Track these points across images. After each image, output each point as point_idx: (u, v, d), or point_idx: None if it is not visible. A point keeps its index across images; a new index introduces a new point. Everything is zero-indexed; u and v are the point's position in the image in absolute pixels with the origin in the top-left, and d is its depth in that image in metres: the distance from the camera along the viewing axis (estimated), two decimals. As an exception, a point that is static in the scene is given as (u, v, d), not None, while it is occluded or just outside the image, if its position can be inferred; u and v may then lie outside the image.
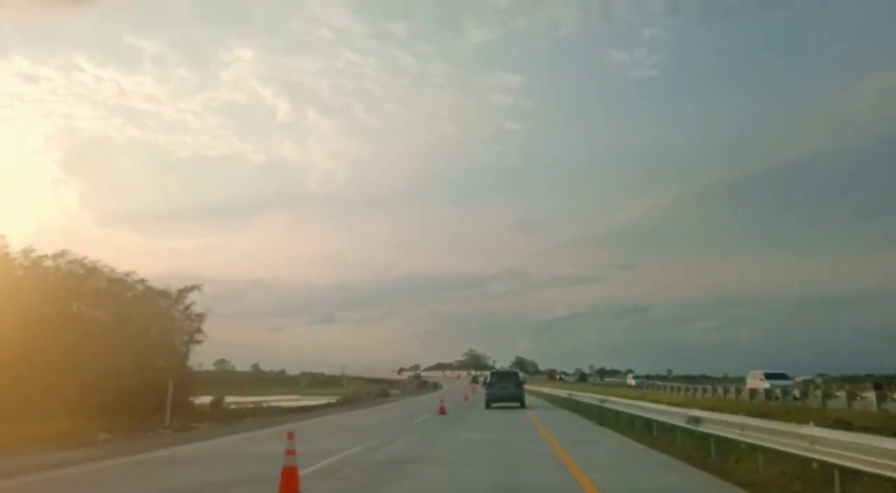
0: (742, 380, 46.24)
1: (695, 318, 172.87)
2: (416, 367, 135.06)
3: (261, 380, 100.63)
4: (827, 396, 27.61)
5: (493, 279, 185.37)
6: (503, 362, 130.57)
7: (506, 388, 31.54)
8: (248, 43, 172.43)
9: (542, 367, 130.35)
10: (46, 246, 25.11)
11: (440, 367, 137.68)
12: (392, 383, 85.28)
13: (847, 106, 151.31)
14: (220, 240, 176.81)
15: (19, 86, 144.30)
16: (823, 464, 7.08)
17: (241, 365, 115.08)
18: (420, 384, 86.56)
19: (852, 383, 45.19)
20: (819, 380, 48.73)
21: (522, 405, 30.75)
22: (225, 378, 70.82)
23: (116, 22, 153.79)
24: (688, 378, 79.06)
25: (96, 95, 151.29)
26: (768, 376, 40.26)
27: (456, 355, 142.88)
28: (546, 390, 52.49)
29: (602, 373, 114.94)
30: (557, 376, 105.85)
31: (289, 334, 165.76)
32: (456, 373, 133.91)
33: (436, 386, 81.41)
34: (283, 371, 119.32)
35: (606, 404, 21.63)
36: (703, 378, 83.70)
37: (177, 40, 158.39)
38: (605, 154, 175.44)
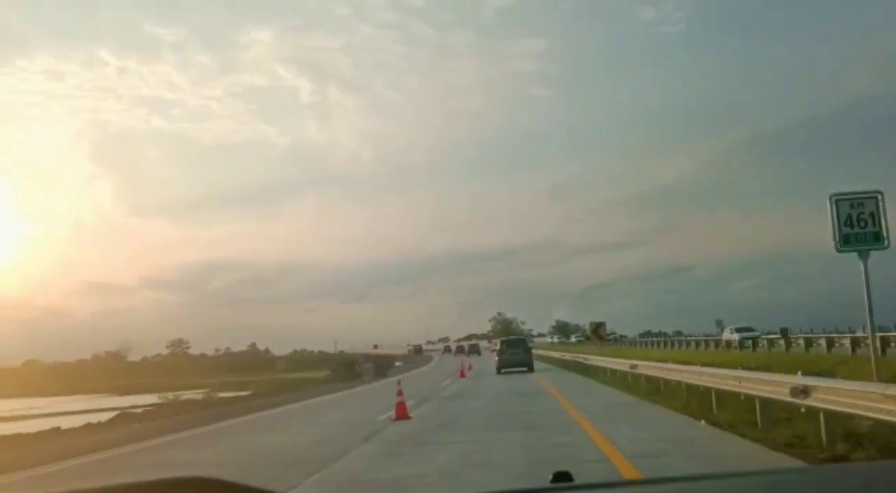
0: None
1: (737, 277, 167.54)
2: (445, 339, 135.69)
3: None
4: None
5: (527, 249, 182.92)
6: (541, 329, 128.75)
7: (516, 354, 33.41)
8: (265, 24, 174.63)
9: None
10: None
11: (471, 337, 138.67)
12: (396, 357, 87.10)
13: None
14: (251, 225, 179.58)
15: (46, 83, 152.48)
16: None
17: (277, 349, 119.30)
18: (419, 357, 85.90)
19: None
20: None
21: (531, 370, 32.04)
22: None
23: (135, 12, 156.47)
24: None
25: (120, 87, 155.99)
26: (738, 330, 45.45)
27: (489, 325, 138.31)
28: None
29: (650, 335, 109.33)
30: (609, 336, 65.78)
31: (322, 315, 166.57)
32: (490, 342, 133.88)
33: (429, 359, 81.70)
34: (266, 350, 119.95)
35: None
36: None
37: (195, 26, 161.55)
38: (635, 115, 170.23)
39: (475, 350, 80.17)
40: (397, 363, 68.24)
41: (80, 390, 56.34)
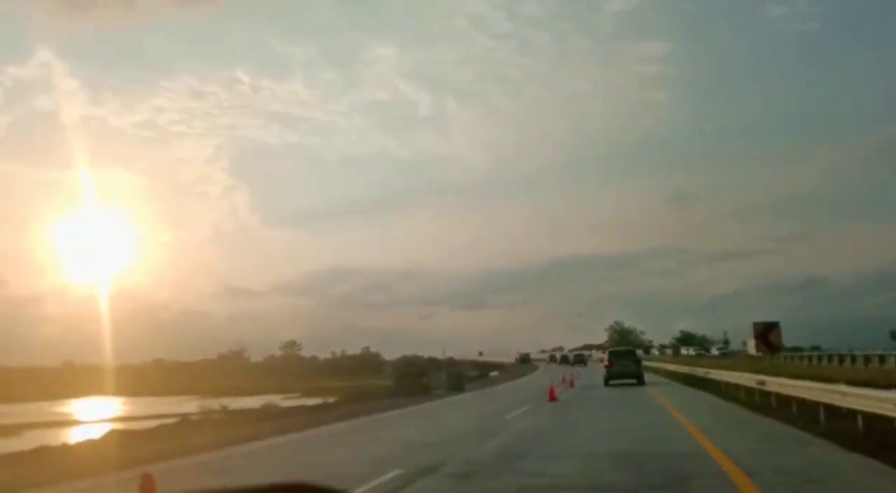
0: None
1: (876, 290, 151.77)
2: (559, 349, 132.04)
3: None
4: None
5: (648, 257, 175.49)
6: (662, 340, 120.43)
7: (626, 366, 32.30)
8: (388, 40, 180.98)
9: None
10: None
11: (587, 347, 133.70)
12: (500, 366, 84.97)
13: None
14: (373, 233, 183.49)
15: (188, 102, 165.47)
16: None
17: (389, 354, 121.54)
18: (524, 366, 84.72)
19: None
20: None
21: (641, 382, 30.98)
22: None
23: (268, 33, 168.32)
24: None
25: (255, 104, 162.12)
26: None
27: (604, 335, 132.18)
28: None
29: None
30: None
31: (437, 322, 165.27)
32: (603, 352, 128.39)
33: (535, 368, 79.75)
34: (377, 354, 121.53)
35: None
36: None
37: (322, 44, 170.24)
38: (763, 118, 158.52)
39: (581, 360, 77.72)
40: (493, 373, 66.69)
41: (190, 390, 58.95)
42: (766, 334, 33.56)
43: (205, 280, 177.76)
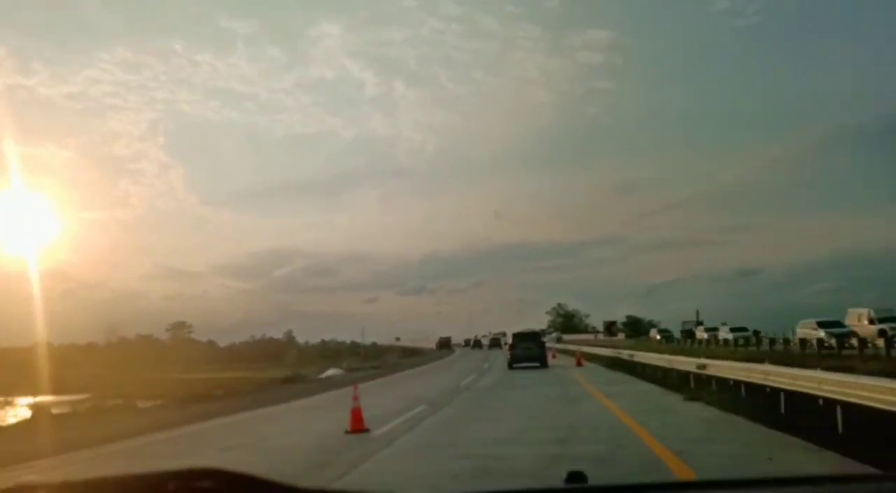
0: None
1: (809, 281, 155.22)
2: (503, 334, 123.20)
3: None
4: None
5: (591, 245, 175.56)
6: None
7: (529, 349, 32.04)
8: (335, 18, 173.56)
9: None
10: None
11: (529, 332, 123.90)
12: (418, 351, 79.15)
13: None
14: (316, 215, 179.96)
15: (124, 75, 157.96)
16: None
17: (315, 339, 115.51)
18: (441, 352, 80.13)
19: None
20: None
21: (544, 365, 30.99)
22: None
23: (209, 5, 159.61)
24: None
25: (194, 78, 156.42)
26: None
27: (547, 319, 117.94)
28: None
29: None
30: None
31: (381, 306, 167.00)
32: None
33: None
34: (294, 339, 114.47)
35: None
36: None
37: (267, 20, 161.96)
38: (708, 110, 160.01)
39: (496, 344, 76.76)
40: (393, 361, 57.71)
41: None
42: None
43: (139, 260, 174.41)
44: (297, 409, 16.77)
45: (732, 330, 46.52)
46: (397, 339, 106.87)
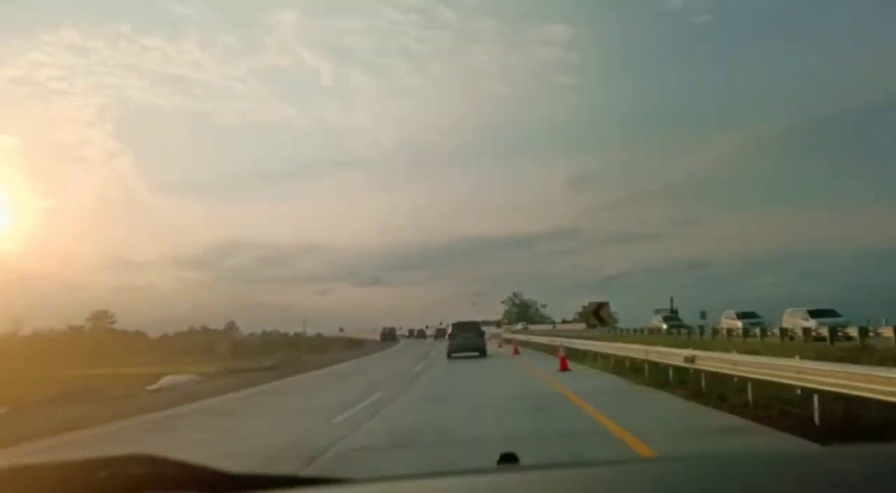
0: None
1: (755, 273, 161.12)
2: (450, 325, 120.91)
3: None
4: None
5: (546, 238, 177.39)
6: (565, 315, 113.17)
7: (468, 338, 32.09)
8: (290, 5, 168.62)
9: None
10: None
11: (485, 324, 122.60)
12: (360, 342, 77.79)
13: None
14: (270, 205, 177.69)
15: (70, 58, 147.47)
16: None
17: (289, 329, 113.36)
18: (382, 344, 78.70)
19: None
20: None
21: (483, 354, 31.01)
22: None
23: None
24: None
25: (144, 64, 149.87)
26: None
27: (503, 308, 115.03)
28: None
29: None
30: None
31: (335, 298, 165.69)
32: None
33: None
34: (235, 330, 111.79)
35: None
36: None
37: (219, 6, 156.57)
38: (661, 106, 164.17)
39: (442, 335, 74.15)
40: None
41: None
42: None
43: (84, 250, 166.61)
44: None
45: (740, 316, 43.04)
46: (341, 330, 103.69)
